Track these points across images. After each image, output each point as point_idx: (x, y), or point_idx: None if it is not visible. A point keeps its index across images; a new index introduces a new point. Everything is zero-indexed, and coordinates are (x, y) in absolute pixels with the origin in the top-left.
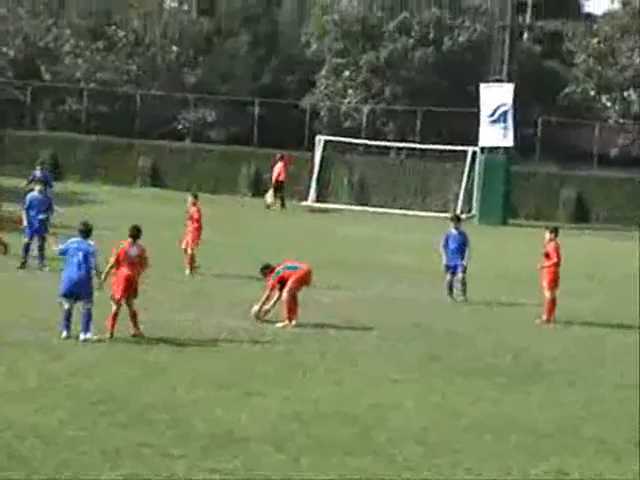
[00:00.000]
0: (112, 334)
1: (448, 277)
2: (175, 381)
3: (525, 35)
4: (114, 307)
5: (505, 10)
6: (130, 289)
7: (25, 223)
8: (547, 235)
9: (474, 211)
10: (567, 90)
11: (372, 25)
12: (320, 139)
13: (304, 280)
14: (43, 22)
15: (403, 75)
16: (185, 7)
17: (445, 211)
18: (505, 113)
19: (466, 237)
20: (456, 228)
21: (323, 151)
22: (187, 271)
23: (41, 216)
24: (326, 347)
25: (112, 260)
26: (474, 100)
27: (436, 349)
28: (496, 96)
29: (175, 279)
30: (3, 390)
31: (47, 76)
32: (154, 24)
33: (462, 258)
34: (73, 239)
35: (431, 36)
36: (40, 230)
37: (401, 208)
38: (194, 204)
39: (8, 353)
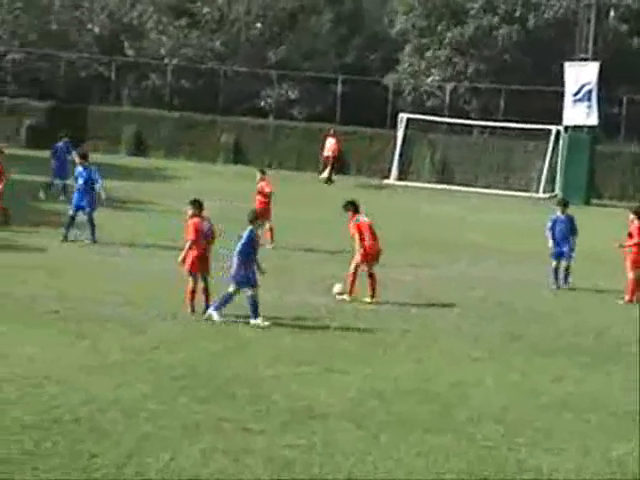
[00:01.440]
0: (193, 309)
1: (554, 263)
2: (257, 357)
3: (611, 13)
4: (191, 283)
5: None
6: (205, 264)
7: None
8: (631, 216)
9: (557, 191)
10: None
11: (457, 2)
12: (403, 117)
13: (372, 257)
14: None
15: (487, 53)
16: None
17: (527, 190)
18: (590, 92)
19: (573, 222)
20: (563, 212)
21: (405, 129)
22: (267, 245)
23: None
24: (407, 325)
25: (191, 237)
26: (559, 78)
27: (517, 328)
28: (581, 74)
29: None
30: (86, 364)
31: (131, 52)
32: (238, 1)
33: (569, 244)
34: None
35: (517, 13)
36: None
37: (483, 187)
38: (262, 179)
39: (90, 328)
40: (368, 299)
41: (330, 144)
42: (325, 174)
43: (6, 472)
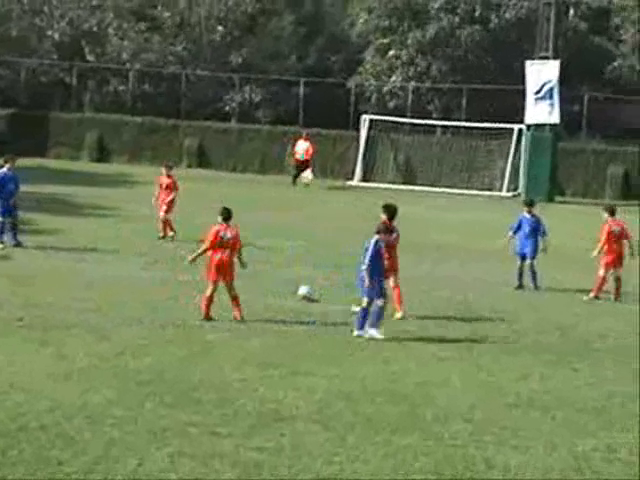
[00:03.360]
0: (208, 315)
1: (519, 262)
2: (223, 361)
3: (571, 11)
4: (209, 289)
5: None
6: (224, 272)
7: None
8: (604, 215)
9: (520, 189)
10: (614, 64)
11: (418, 3)
12: (366, 118)
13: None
14: (87, 5)
15: (449, 53)
16: None
17: (491, 189)
18: (551, 90)
19: (539, 223)
20: (529, 212)
21: (369, 130)
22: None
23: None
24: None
25: (207, 243)
26: (520, 77)
27: (482, 327)
28: (542, 73)
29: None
30: (51, 371)
31: (92, 58)
32: (199, 5)
33: (534, 243)
34: None
35: (477, 14)
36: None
37: (447, 187)
38: (168, 176)
39: (55, 335)
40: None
41: (304, 147)
42: (309, 177)
43: None
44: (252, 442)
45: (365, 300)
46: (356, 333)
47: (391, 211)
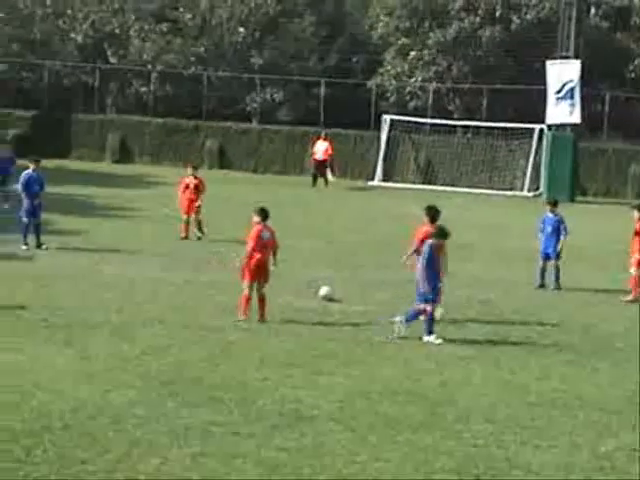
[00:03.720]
0: (246, 316)
1: (541, 263)
2: (244, 361)
3: (592, 11)
4: (246, 290)
5: None
6: (262, 273)
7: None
8: (635, 213)
9: (541, 189)
10: (635, 63)
11: (438, 3)
12: (386, 119)
13: None
14: (109, 7)
15: (470, 53)
16: None
17: (512, 189)
18: (572, 90)
19: (561, 223)
20: (552, 212)
21: (389, 131)
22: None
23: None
24: (394, 325)
25: (251, 243)
26: (541, 77)
27: (503, 327)
28: (563, 73)
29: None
30: (75, 371)
31: (114, 60)
32: (220, 6)
33: (556, 243)
34: None
35: (498, 14)
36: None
37: (468, 186)
38: (194, 175)
39: (79, 335)
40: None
41: (323, 148)
42: (330, 178)
43: None
44: (274, 442)
45: (424, 305)
46: (426, 339)
47: (432, 213)
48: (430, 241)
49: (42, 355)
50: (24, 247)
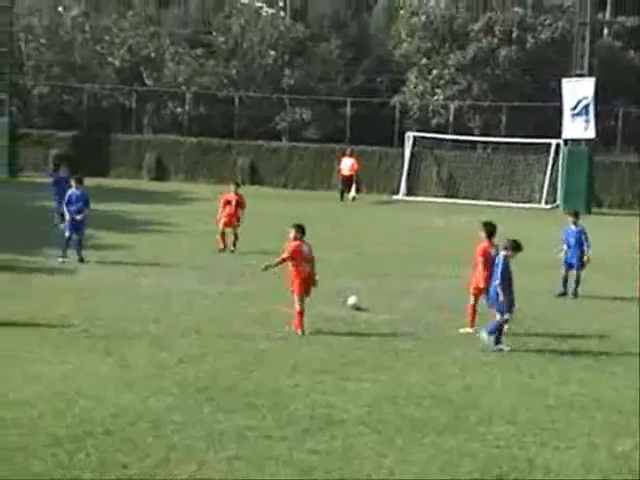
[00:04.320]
0: (303, 331)
1: (563, 272)
2: (276, 368)
3: (605, 31)
4: (298, 305)
5: (585, 7)
6: (309, 286)
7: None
8: None
9: (558, 201)
10: None
11: (458, 25)
12: (409, 135)
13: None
14: (145, 32)
15: (488, 73)
16: (281, 14)
17: (530, 201)
18: (587, 106)
19: (582, 234)
20: (574, 223)
21: (413, 147)
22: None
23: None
24: (419, 333)
25: (284, 256)
26: (557, 94)
27: (524, 333)
28: (578, 90)
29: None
30: (116, 379)
31: (150, 82)
32: (252, 30)
33: (580, 254)
34: None
35: (514, 35)
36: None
37: (488, 200)
38: (236, 192)
39: (118, 345)
40: None
41: (349, 164)
42: (352, 193)
43: None
44: (305, 445)
45: (501, 315)
46: (497, 348)
47: (490, 229)
48: (504, 253)
49: (84, 364)
50: (60, 260)
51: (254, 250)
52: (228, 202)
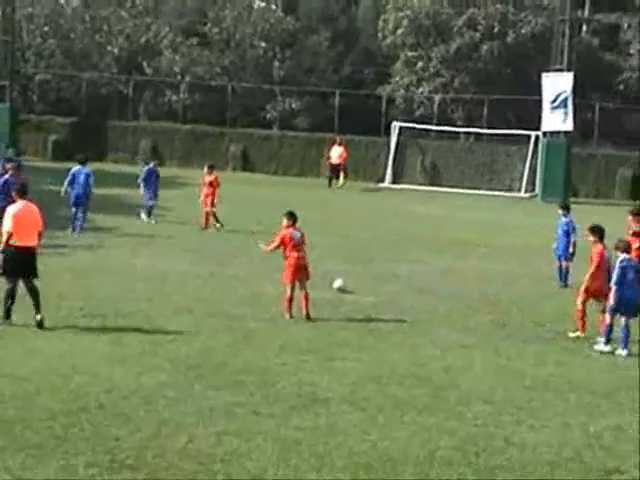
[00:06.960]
0: (292, 315)
1: (557, 262)
2: (265, 347)
3: (584, 28)
4: (288, 291)
5: (564, 5)
6: (302, 272)
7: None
8: (629, 217)
9: (537, 190)
10: (623, 76)
11: (442, 20)
12: (395, 125)
13: None
14: (142, 22)
15: (471, 66)
16: (273, 7)
17: (510, 190)
18: (565, 100)
19: (569, 224)
20: (564, 215)
21: (398, 137)
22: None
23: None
24: (402, 315)
25: (278, 240)
26: (537, 88)
27: (502, 317)
28: (557, 84)
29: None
30: (110, 356)
31: (148, 71)
32: (244, 23)
33: (567, 245)
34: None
35: (496, 30)
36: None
37: (470, 188)
38: (209, 173)
39: (112, 323)
40: None
41: (338, 152)
42: (341, 181)
43: (39, 456)
44: (291, 421)
45: (616, 317)
46: (622, 352)
47: (601, 232)
48: (622, 256)
49: (80, 341)
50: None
51: (244, 229)
52: (210, 184)
